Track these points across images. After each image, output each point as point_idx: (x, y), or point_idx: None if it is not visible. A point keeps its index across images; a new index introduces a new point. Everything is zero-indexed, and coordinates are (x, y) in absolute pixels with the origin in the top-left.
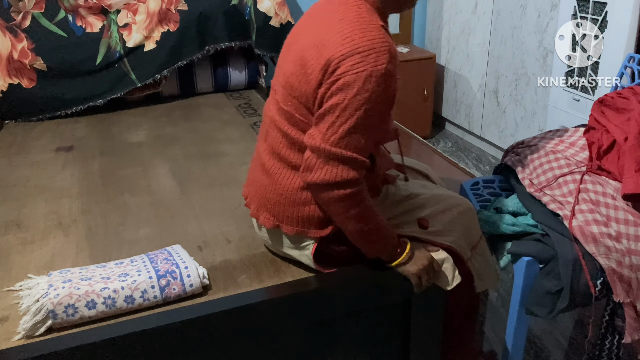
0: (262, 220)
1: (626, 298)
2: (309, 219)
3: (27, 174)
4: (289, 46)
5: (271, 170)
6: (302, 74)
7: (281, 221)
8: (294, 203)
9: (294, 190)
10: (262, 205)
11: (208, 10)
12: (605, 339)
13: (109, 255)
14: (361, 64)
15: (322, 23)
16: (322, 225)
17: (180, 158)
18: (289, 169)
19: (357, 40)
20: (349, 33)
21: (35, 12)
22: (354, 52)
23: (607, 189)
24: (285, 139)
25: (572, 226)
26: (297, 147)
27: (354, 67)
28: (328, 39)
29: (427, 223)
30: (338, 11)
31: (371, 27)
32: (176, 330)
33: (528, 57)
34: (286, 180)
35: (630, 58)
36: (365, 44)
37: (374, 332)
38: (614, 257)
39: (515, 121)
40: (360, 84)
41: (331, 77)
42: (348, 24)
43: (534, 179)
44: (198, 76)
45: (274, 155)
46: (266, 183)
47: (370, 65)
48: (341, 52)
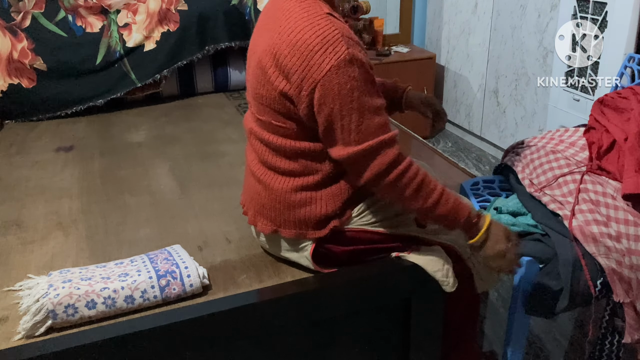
0: (260, 227)
1: (626, 298)
2: (306, 220)
3: (27, 174)
4: (250, 54)
5: (262, 178)
6: (266, 82)
7: (279, 225)
8: (289, 206)
9: (287, 193)
10: (259, 212)
11: (208, 10)
12: (605, 339)
13: (109, 255)
14: (325, 63)
15: (272, 25)
16: (320, 225)
17: (180, 158)
18: (279, 174)
19: (309, 39)
20: (298, 34)
21: (35, 12)
22: (312, 54)
23: (607, 189)
24: (269, 148)
25: (572, 226)
26: (282, 153)
27: (319, 70)
28: (280, 45)
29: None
30: (282, 9)
31: (317, 19)
32: (176, 330)
33: (528, 57)
34: (278, 185)
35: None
36: (317, 41)
37: (374, 332)
38: (614, 257)
39: (515, 121)
40: (336, 82)
41: (302, 87)
42: (294, 22)
43: (534, 179)
44: (198, 76)
45: (262, 163)
46: (260, 190)
47: (334, 60)
48: (299, 58)
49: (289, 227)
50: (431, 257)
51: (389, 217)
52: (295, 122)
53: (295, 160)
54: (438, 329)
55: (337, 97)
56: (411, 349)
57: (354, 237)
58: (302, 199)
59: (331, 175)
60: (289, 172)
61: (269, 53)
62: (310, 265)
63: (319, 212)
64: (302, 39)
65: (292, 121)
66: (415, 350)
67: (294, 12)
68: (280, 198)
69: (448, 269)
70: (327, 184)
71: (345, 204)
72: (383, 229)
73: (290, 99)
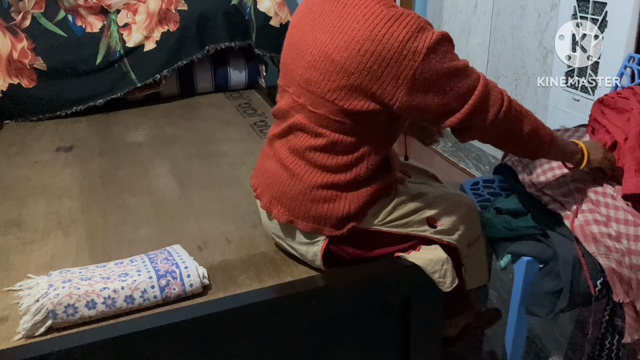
0: (275, 215)
1: (626, 298)
2: (325, 217)
3: (27, 174)
4: (301, 43)
5: (292, 167)
6: (339, 77)
7: (296, 217)
8: (312, 200)
9: (315, 187)
10: (277, 199)
11: (208, 10)
12: (605, 339)
13: (109, 255)
14: (420, 48)
15: (339, 15)
16: (338, 224)
17: (180, 158)
18: (313, 167)
19: (396, 31)
20: (383, 28)
21: (35, 12)
22: (403, 44)
23: (607, 189)
24: (313, 140)
25: (573, 226)
26: (325, 147)
27: (415, 56)
28: (363, 40)
29: (436, 222)
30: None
31: (393, 10)
32: (176, 330)
33: (528, 57)
34: (308, 177)
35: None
36: (406, 32)
37: (374, 332)
38: (614, 257)
39: None
40: (435, 61)
41: (399, 78)
42: (374, 16)
43: (534, 179)
44: (198, 76)
45: (296, 153)
46: (285, 178)
47: (427, 42)
48: (389, 51)
49: (307, 220)
50: (430, 257)
51: (401, 216)
52: (353, 118)
53: (335, 155)
54: (438, 329)
55: (441, 75)
56: (411, 349)
57: (368, 237)
58: (328, 196)
59: (363, 178)
60: (324, 166)
61: (347, 48)
62: (317, 260)
63: (341, 210)
64: (388, 32)
65: (351, 118)
66: (415, 350)
67: (369, 4)
68: (306, 190)
69: (446, 270)
70: (356, 186)
71: (366, 205)
72: (396, 229)
73: (375, 95)
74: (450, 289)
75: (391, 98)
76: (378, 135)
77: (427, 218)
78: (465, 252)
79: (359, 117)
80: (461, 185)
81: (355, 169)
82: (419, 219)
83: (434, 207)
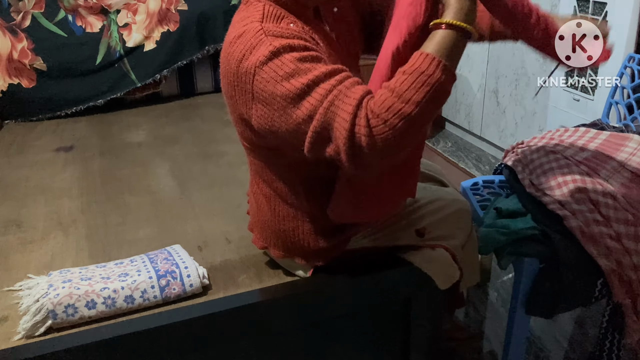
0: (253, 240)
1: (626, 298)
2: (294, 249)
3: (27, 174)
4: None
5: (256, 197)
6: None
7: (269, 245)
8: (278, 232)
9: (275, 221)
10: (255, 224)
11: (208, 10)
12: (605, 339)
13: (109, 255)
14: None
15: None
16: (308, 257)
17: (180, 158)
18: (267, 200)
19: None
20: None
21: (35, 12)
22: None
23: (607, 189)
24: (253, 168)
25: (572, 226)
26: (263, 173)
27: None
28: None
29: (425, 231)
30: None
31: (246, 25)
32: (176, 330)
33: (528, 57)
34: (267, 210)
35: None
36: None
37: (374, 332)
38: (614, 257)
39: (515, 121)
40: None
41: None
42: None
43: (534, 179)
44: (198, 76)
45: (253, 185)
46: (254, 206)
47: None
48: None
49: (278, 249)
50: (428, 257)
51: (388, 232)
52: (253, 147)
53: (271, 184)
54: (438, 329)
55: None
56: (411, 349)
57: (353, 254)
58: (289, 228)
59: (308, 209)
60: (271, 197)
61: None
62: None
63: (303, 244)
64: (230, 53)
65: (258, 145)
66: (415, 350)
67: (234, 22)
68: (268, 220)
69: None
70: (309, 217)
71: (332, 235)
72: (385, 243)
73: (240, 116)
74: (446, 287)
75: (250, 117)
76: (292, 156)
77: (415, 230)
78: (460, 254)
79: (254, 144)
80: (461, 185)
81: (295, 196)
82: (407, 230)
83: (424, 219)
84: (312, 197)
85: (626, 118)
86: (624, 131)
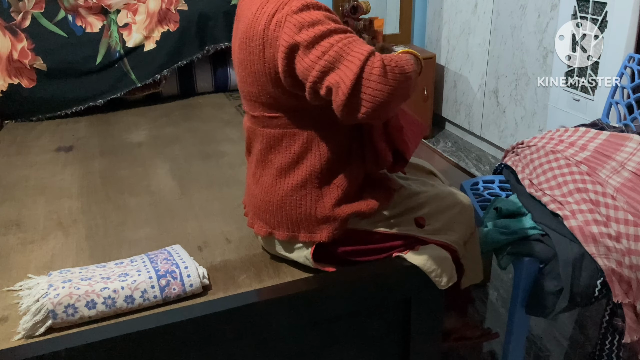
0: (256, 230)
1: (625, 298)
2: (299, 222)
3: (27, 174)
4: (234, 59)
5: (260, 179)
6: (251, 77)
7: (273, 227)
8: (280, 207)
9: (282, 195)
10: (256, 214)
11: (208, 10)
12: (605, 339)
13: (109, 255)
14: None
15: (237, 21)
16: (311, 228)
17: (180, 158)
18: (275, 174)
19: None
20: None
21: (35, 12)
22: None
23: (607, 189)
24: (267, 141)
25: (572, 226)
26: (278, 143)
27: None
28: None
29: (424, 221)
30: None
31: None
32: (176, 330)
33: (528, 57)
34: (274, 186)
35: (630, 58)
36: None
37: (374, 332)
38: (613, 257)
39: (515, 121)
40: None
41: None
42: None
43: (534, 179)
44: (198, 76)
45: (259, 163)
46: (256, 193)
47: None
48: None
49: (282, 229)
50: (428, 257)
51: (388, 217)
52: (283, 110)
53: (286, 150)
54: (438, 329)
55: None
56: (411, 349)
57: (354, 237)
58: (295, 201)
59: (322, 172)
60: (281, 168)
61: (242, 47)
62: (310, 264)
63: (312, 213)
64: (258, 15)
65: (281, 110)
66: (415, 350)
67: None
68: (274, 200)
69: (444, 268)
70: (318, 184)
71: (338, 204)
72: (383, 229)
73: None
74: (446, 287)
75: (277, 67)
76: (312, 118)
77: (415, 218)
78: (463, 251)
79: (283, 105)
80: (461, 185)
81: (308, 161)
82: (407, 219)
83: (424, 208)
84: (326, 161)
85: (626, 118)
86: (624, 131)
